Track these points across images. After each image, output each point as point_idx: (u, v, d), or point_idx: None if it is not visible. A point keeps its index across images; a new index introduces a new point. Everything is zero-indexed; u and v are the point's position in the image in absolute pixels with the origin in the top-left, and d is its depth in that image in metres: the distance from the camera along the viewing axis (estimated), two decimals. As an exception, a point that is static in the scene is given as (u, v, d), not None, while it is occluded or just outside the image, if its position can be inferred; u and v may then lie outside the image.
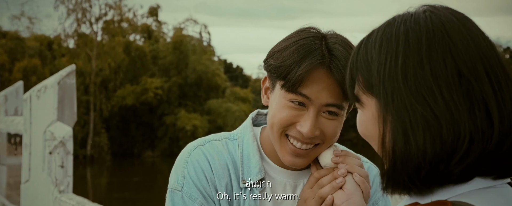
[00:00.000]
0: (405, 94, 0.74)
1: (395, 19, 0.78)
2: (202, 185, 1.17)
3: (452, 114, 0.73)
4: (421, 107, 0.73)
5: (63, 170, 3.98)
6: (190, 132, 28.96)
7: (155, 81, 30.84)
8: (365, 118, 0.81)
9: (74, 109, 4.33)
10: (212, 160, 1.19)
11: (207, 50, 34.19)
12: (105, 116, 30.76)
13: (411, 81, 0.74)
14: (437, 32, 0.76)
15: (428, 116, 0.73)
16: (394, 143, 0.75)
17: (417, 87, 0.74)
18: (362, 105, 0.81)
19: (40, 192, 4.23)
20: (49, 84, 4.27)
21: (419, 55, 0.75)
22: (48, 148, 4.04)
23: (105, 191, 20.42)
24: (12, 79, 24.95)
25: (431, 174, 0.74)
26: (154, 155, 30.46)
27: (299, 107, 1.11)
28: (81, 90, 29.21)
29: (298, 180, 1.22)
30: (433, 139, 0.73)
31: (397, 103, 0.75)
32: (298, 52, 1.10)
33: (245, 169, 1.19)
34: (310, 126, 1.10)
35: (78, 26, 31.56)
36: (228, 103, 31.71)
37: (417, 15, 0.77)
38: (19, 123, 5.67)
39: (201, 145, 1.22)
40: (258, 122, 1.29)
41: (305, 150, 1.14)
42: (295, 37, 1.14)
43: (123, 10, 32.72)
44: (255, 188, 1.18)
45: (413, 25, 0.76)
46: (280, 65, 1.11)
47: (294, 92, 1.10)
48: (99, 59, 30.75)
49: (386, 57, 0.76)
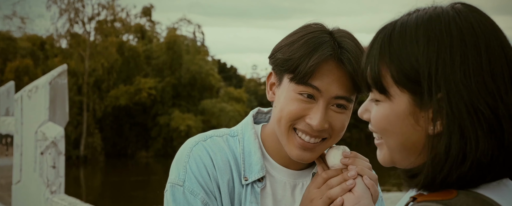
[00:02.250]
0: (466, 96, 0.72)
1: (438, 15, 0.76)
2: (204, 181, 1.15)
3: (510, 116, 0.73)
4: (484, 109, 0.72)
5: (55, 171, 3.94)
6: (184, 132, 28.90)
7: (149, 81, 30.77)
8: (390, 111, 0.77)
9: (66, 109, 4.29)
10: (214, 156, 1.18)
11: (201, 50, 34.17)
12: (98, 116, 30.66)
13: (472, 82, 0.72)
14: (491, 37, 0.76)
15: (490, 119, 0.72)
16: (448, 145, 0.72)
17: (479, 88, 0.72)
18: (389, 97, 0.77)
19: (31, 192, 4.19)
20: (40, 85, 4.23)
21: (478, 58, 0.73)
22: (39, 148, 3.99)
23: (99, 192, 20.34)
24: (4, 80, 24.79)
25: (485, 174, 0.73)
26: (148, 156, 30.38)
27: (308, 99, 1.11)
28: (74, 91, 29.08)
29: (298, 180, 1.21)
30: (498, 143, 0.72)
31: (455, 103, 0.72)
32: (308, 45, 1.10)
33: (247, 166, 1.18)
34: (320, 118, 1.10)
35: (71, 26, 31.43)
36: (222, 103, 31.70)
37: (465, 16, 0.76)
38: (10, 123, 5.62)
39: (203, 140, 1.21)
40: (258, 120, 1.28)
41: (313, 144, 1.13)
42: (302, 32, 1.14)
43: (116, 10, 32.62)
44: (256, 186, 1.18)
45: (465, 25, 0.75)
46: (289, 58, 1.11)
47: (304, 84, 1.10)
48: (92, 59, 30.63)
49: (437, 54, 0.74)
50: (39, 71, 28.21)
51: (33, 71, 28.67)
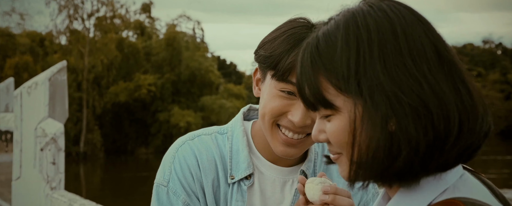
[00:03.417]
0: (387, 86, 0.70)
1: (353, 13, 0.74)
2: (187, 182, 1.16)
3: (440, 97, 0.70)
4: (407, 97, 0.70)
5: (54, 167, 3.94)
6: (183, 128, 28.92)
7: (148, 78, 30.76)
8: (345, 122, 0.73)
9: (65, 106, 4.29)
10: (199, 155, 1.18)
11: (201, 46, 34.14)
12: (98, 113, 30.65)
13: (392, 71, 0.70)
14: (407, 17, 0.73)
15: (416, 105, 0.69)
16: (375, 140, 0.70)
17: (400, 76, 0.70)
18: (337, 110, 0.73)
19: (31, 189, 4.19)
20: (40, 81, 4.23)
21: (396, 42, 0.71)
22: (39, 144, 4.00)
23: (99, 188, 20.36)
24: (3, 76, 24.78)
25: (422, 164, 0.71)
26: (147, 152, 30.41)
27: (289, 96, 1.11)
28: (74, 87, 29.07)
29: (288, 177, 1.21)
30: (425, 128, 0.69)
31: (378, 96, 0.70)
32: (288, 41, 1.10)
33: (234, 164, 1.18)
34: (301, 115, 1.10)
35: (70, 23, 31.39)
36: (222, 100, 31.70)
37: (378, 6, 0.74)
38: (10, 119, 5.62)
39: (190, 139, 1.21)
40: (250, 116, 1.28)
41: (297, 140, 1.13)
42: (284, 27, 1.13)
43: (116, 7, 32.57)
44: (243, 184, 1.17)
45: (380, 14, 0.73)
46: (270, 55, 1.11)
47: (284, 81, 1.10)
48: (92, 56, 30.61)
49: (357, 50, 0.72)
50: (38, 67, 28.19)
51: (32, 67, 28.65)
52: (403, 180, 0.73)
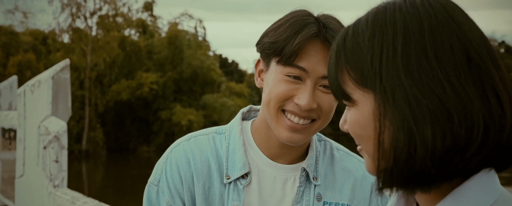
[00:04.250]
0: (408, 86, 0.67)
1: (385, 6, 0.72)
2: (174, 184, 1.17)
3: (464, 102, 0.67)
4: (426, 99, 0.67)
5: (57, 165, 3.97)
6: (185, 126, 28.94)
7: (150, 76, 30.77)
8: (359, 116, 0.72)
9: (68, 104, 4.31)
10: (192, 157, 1.18)
11: (202, 45, 34.12)
12: (100, 111, 30.69)
13: (414, 71, 0.68)
14: (439, 16, 0.70)
15: (435, 108, 0.66)
16: (395, 140, 0.68)
17: (422, 77, 0.67)
18: (354, 102, 0.73)
19: (34, 186, 4.22)
20: (43, 79, 4.25)
21: (422, 42, 0.68)
22: (42, 142, 4.02)
23: (101, 186, 20.40)
24: (6, 74, 24.81)
25: (442, 169, 0.68)
26: (149, 150, 30.44)
27: (295, 80, 1.12)
28: (76, 85, 29.11)
29: (289, 174, 1.20)
30: (443, 132, 0.66)
31: (398, 96, 0.68)
32: (293, 27, 1.11)
33: (230, 163, 1.19)
34: (308, 97, 1.11)
35: (73, 21, 31.42)
36: (224, 98, 31.69)
37: (412, 1, 0.71)
38: (13, 117, 5.65)
39: (186, 140, 1.22)
40: (249, 117, 1.28)
41: (302, 125, 1.13)
42: (287, 17, 1.15)
43: (118, 5, 32.58)
44: (239, 183, 1.17)
45: (411, 10, 0.70)
46: (275, 41, 1.12)
47: (290, 65, 1.11)
48: (94, 54, 30.64)
49: (381, 47, 0.69)
50: (41, 65, 28.24)
51: (35, 65, 28.69)
52: (423, 185, 0.70)
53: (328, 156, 1.26)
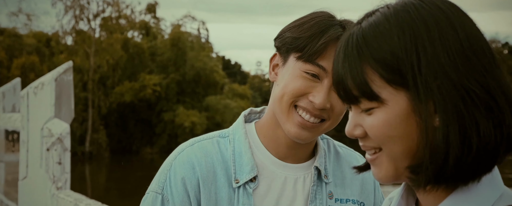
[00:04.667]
0: (455, 76, 0.68)
1: (403, 6, 0.73)
2: (178, 191, 1.16)
3: (506, 92, 0.69)
4: (475, 88, 0.67)
5: (60, 167, 3.97)
6: (188, 128, 28.97)
7: (153, 78, 30.82)
8: (389, 115, 0.71)
9: (71, 106, 4.31)
10: (198, 163, 1.18)
11: (205, 46, 34.16)
12: (103, 113, 30.75)
13: (458, 62, 0.68)
14: (460, 13, 0.73)
15: (485, 97, 0.68)
16: (445, 134, 0.67)
17: (465, 67, 0.68)
18: (382, 102, 0.71)
19: (37, 188, 4.22)
20: (46, 81, 4.25)
21: (456, 36, 0.70)
22: (45, 144, 4.03)
23: (104, 188, 20.43)
24: (10, 76, 24.89)
25: (490, 161, 0.69)
26: (152, 152, 30.47)
27: (312, 78, 1.13)
28: (79, 87, 29.17)
29: (299, 174, 1.20)
30: (499, 124, 0.67)
31: (446, 89, 0.68)
32: (318, 26, 1.13)
33: (237, 167, 1.18)
34: (324, 96, 1.12)
35: (76, 23, 31.52)
36: (227, 100, 31.71)
37: (428, 0, 0.73)
38: (16, 119, 5.66)
39: (190, 146, 1.21)
40: (251, 119, 1.28)
41: (312, 123, 1.14)
42: (310, 16, 1.17)
43: (121, 7, 32.67)
44: (248, 187, 1.17)
45: (434, 8, 0.72)
46: (298, 37, 1.13)
47: (311, 62, 1.12)
48: (97, 56, 30.71)
49: (416, 43, 0.70)
50: (45, 68, 28.32)
51: (39, 67, 28.79)
52: (468, 178, 0.70)
53: (333, 154, 1.27)
